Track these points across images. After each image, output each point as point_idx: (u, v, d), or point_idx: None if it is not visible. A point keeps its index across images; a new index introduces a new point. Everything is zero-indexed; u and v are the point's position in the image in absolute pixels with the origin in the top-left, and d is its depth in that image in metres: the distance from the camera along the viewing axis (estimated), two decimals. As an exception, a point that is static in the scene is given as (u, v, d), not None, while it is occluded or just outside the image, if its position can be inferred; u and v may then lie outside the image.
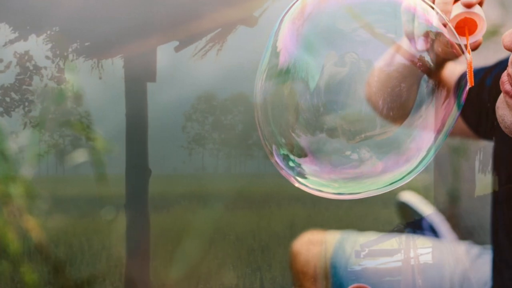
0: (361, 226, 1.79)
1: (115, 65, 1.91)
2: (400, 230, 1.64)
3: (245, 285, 1.73)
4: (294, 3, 0.81)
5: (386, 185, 0.80)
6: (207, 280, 1.72)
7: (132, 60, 1.89)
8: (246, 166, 1.86)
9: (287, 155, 0.80)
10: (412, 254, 1.58)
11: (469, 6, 0.81)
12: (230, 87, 1.88)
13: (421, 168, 0.79)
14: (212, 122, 1.93)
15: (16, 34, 1.90)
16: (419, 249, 1.44)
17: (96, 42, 1.90)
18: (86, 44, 1.91)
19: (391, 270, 1.54)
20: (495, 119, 0.80)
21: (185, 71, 1.85)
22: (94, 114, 1.88)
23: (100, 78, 1.91)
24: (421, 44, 0.80)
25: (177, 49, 1.87)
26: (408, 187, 1.75)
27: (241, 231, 1.78)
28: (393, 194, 1.76)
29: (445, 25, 0.79)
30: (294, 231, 1.78)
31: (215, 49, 1.78)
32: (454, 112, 0.79)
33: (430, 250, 1.47)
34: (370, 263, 1.64)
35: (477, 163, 1.70)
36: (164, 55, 1.84)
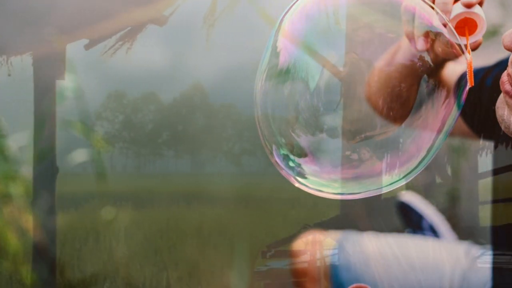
0: (271, 226, 1.80)
1: (24, 62, 1.90)
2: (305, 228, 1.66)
3: (152, 285, 1.73)
4: (294, 3, 0.81)
5: (386, 185, 0.80)
6: (114, 279, 1.71)
7: (42, 57, 1.89)
8: (156, 165, 1.86)
9: (287, 155, 0.80)
10: (318, 255, 1.59)
11: (469, 6, 0.81)
12: (141, 86, 1.88)
13: (421, 168, 0.79)
14: (122, 121, 1.93)
15: None
16: (325, 250, 1.44)
17: (5, 39, 1.89)
18: (-5, 41, 1.90)
19: (298, 271, 1.55)
20: (495, 119, 0.80)
21: (95, 69, 1.85)
22: (2, 111, 1.87)
23: (9, 75, 1.91)
24: (421, 44, 0.80)
25: (87, 47, 1.87)
26: (408, 187, 1.75)
27: (149, 231, 1.78)
28: (391, 194, 1.76)
29: (445, 25, 0.79)
30: (202, 231, 1.78)
31: (124, 48, 1.78)
32: (454, 112, 0.79)
33: (336, 251, 1.48)
34: (276, 264, 1.65)
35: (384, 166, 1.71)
36: (74, 53, 1.84)
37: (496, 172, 1.74)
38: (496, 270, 1.16)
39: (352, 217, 1.73)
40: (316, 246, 1.41)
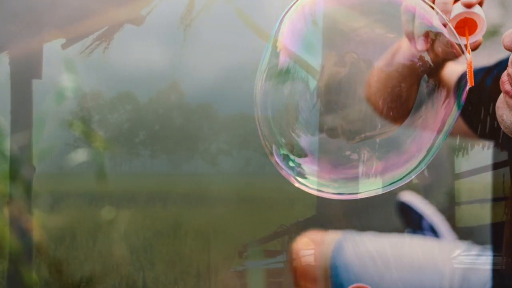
0: (248, 226, 1.80)
1: (1, 61, 1.90)
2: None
3: (128, 284, 1.73)
4: (294, 3, 0.81)
5: (386, 185, 0.80)
6: (90, 279, 1.71)
7: (18, 57, 1.89)
8: (132, 165, 1.86)
9: (287, 155, 0.80)
10: (294, 256, 1.59)
11: (469, 6, 0.81)
12: (117, 86, 1.88)
13: (421, 168, 0.79)
14: (99, 121, 1.93)
15: None
16: (302, 251, 1.44)
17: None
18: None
19: (274, 271, 1.55)
20: (495, 119, 0.80)
21: (72, 68, 1.85)
22: (2, 111, 1.87)
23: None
24: (421, 44, 0.80)
25: (64, 46, 1.87)
26: (408, 187, 1.75)
27: (125, 230, 1.78)
28: (391, 194, 1.76)
29: (445, 25, 0.79)
30: (178, 231, 1.78)
31: (101, 47, 1.79)
32: (454, 112, 0.79)
33: (312, 251, 1.49)
34: (253, 264, 1.65)
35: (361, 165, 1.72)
36: (51, 53, 1.84)
37: (472, 172, 1.74)
38: (496, 270, 1.16)
39: (329, 217, 1.73)
40: (313, 246, 1.41)
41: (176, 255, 1.77)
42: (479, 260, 1.32)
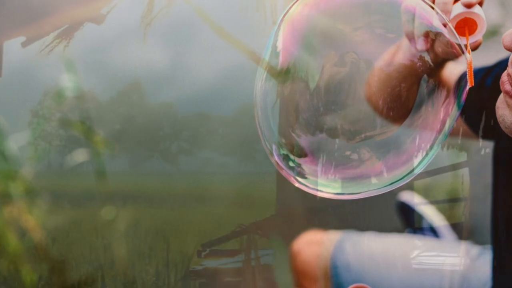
0: (207, 225, 1.80)
1: None
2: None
3: (87, 283, 1.73)
4: (294, 3, 0.81)
5: (386, 185, 0.80)
6: (49, 277, 1.71)
7: None
8: (92, 163, 1.86)
9: (287, 155, 0.80)
10: (253, 256, 1.59)
11: (469, 6, 0.81)
12: (77, 84, 1.87)
13: (421, 168, 0.79)
14: (59, 119, 1.92)
15: None
16: (259, 250, 1.45)
17: None
18: None
19: (232, 271, 1.55)
20: (495, 119, 0.80)
21: (32, 67, 1.85)
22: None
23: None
24: (421, 44, 0.80)
25: (24, 44, 1.87)
26: (408, 187, 1.75)
27: (85, 229, 1.78)
28: (392, 194, 1.76)
29: (445, 25, 0.79)
30: (138, 230, 1.78)
31: (62, 45, 1.78)
32: (454, 112, 0.79)
33: (271, 251, 1.49)
34: (211, 263, 1.66)
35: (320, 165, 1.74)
36: (11, 51, 1.84)
37: (432, 173, 1.75)
38: (496, 270, 1.16)
39: (288, 217, 1.74)
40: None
41: (135, 254, 1.77)
42: (479, 260, 1.32)
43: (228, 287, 1.71)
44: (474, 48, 0.84)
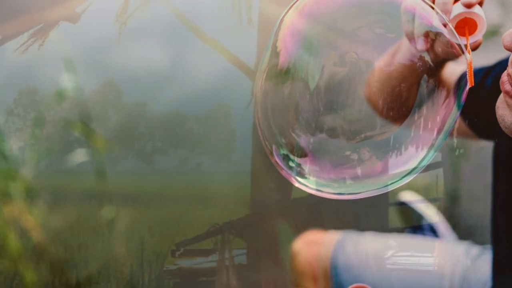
0: (182, 224, 1.81)
1: None
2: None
3: (61, 281, 1.73)
4: (294, 3, 0.81)
5: (386, 185, 0.80)
6: (24, 277, 1.71)
7: None
8: (67, 162, 1.85)
9: (287, 155, 0.80)
10: (227, 255, 1.60)
11: (469, 6, 0.81)
12: (53, 83, 1.87)
13: (421, 168, 0.79)
14: (34, 118, 1.92)
15: None
16: (234, 250, 1.45)
17: None
18: None
19: (207, 270, 1.55)
20: (495, 119, 0.80)
21: (7, 65, 1.85)
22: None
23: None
24: (421, 44, 0.80)
25: None
26: (408, 187, 1.75)
27: (60, 228, 1.77)
28: (392, 194, 1.76)
29: (445, 25, 0.79)
30: (113, 229, 1.78)
31: (37, 44, 1.78)
32: (454, 112, 0.79)
33: (245, 251, 1.49)
34: (185, 263, 1.66)
35: None
36: (12, 51, 1.84)
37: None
38: (496, 270, 1.16)
39: (263, 216, 1.74)
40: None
41: (110, 253, 1.76)
42: (479, 260, 1.32)
43: (202, 286, 1.72)
44: (474, 48, 0.84)
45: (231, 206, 1.81)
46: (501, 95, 0.79)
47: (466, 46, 0.78)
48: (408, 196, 1.77)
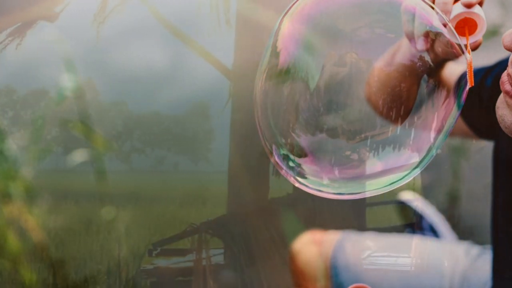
0: (159, 224, 1.81)
1: None
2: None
3: (39, 280, 1.73)
4: (294, 3, 0.81)
5: (386, 185, 0.80)
6: (23, 277, 1.72)
7: None
8: (45, 161, 1.85)
9: (287, 155, 0.80)
10: (204, 255, 1.60)
11: (469, 6, 0.81)
12: (31, 82, 1.87)
13: (421, 168, 0.79)
14: (12, 117, 1.92)
15: None
16: (211, 250, 1.45)
17: None
18: None
19: (183, 270, 1.55)
20: (495, 119, 0.80)
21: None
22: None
23: None
24: (421, 44, 0.80)
25: None
26: (408, 187, 1.75)
27: (37, 227, 1.77)
28: (391, 194, 1.76)
29: (445, 25, 0.79)
30: (90, 229, 1.78)
31: (14, 44, 1.78)
32: (454, 112, 0.79)
33: (222, 251, 1.49)
34: (162, 262, 1.66)
35: (271, 167, 1.73)
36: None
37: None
38: (496, 270, 1.16)
39: (239, 216, 1.75)
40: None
41: (87, 253, 1.76)
42: (479, 260, 1.32)
43: (179, 286, 1.72)
44: (474, 48, 0.84)
45: (208, 206, 1.82)
46: (501, 95, 0.79)
47: (466, 46, 0.78)
48: (408, 196, 1.77)
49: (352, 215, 1.74)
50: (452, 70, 0.89)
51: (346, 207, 1.68)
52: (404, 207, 1.78)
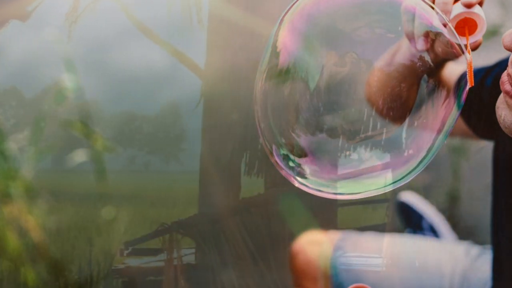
0: (130, 224, 1.80)
1: None
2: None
3: (9, 280, 1.73)
4: (294, 3, 0.81)
5: (386, 185, 0.80)
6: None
7: None
8: (16, 161, 1.85)
9: (287, 155, 0.80)
10: (175, 255, 1.60)
11: (469, 6, 0.81)
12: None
13: (421, 168, 0.79)
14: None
15: None
16: (182, 249, 1.45)
17: None
18: None
19: (155, 269, 1.55)
20: (495, 119, 0.80)
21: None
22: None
23: None
24: (421, 44, 0.80)
25: None
26: (408, 187, 1.75)
27: (60, 228, 1.78)
28: (392, 194, 1.76)
29: (445, 25, 0.79)
30: (61, 228, 1.77)
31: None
32: (454, 112, 0.79)
33: (194, 250, 1.49)
34: (133, 262, 1.66)
35: (243, 166, 1.73)
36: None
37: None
38: (496, 270, 1.16)
39: (211, 216, 1.75)
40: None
41: (58, 252, 1.76)
42: (479, 260, 1.32)
43: (150, 285, 1.73)
44: (474, 48, 0.84)
45: (179, 205, 1.82)
46: (501, 95, 0.79)
47: (466, 46, 0.78)
48: (408, 196, 1.78)
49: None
50: (452, 70, 0.89)
51: (317, 208, 1.68)
52: (404, 207, 1.78)
